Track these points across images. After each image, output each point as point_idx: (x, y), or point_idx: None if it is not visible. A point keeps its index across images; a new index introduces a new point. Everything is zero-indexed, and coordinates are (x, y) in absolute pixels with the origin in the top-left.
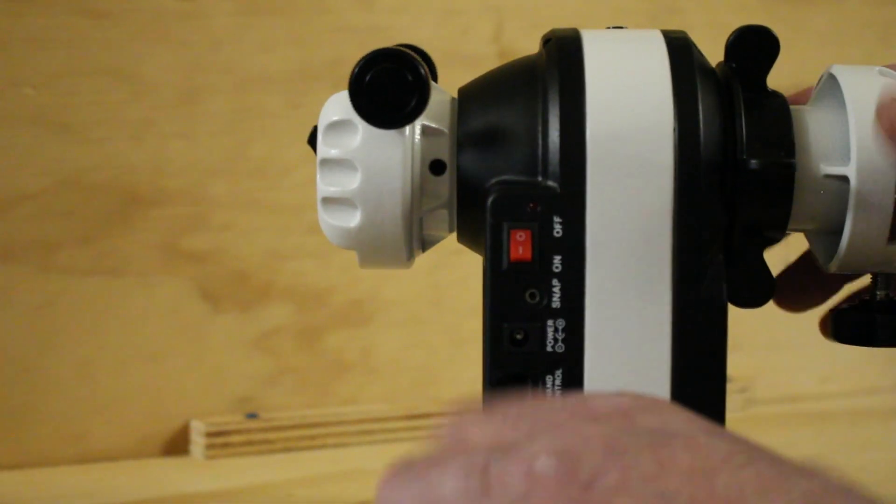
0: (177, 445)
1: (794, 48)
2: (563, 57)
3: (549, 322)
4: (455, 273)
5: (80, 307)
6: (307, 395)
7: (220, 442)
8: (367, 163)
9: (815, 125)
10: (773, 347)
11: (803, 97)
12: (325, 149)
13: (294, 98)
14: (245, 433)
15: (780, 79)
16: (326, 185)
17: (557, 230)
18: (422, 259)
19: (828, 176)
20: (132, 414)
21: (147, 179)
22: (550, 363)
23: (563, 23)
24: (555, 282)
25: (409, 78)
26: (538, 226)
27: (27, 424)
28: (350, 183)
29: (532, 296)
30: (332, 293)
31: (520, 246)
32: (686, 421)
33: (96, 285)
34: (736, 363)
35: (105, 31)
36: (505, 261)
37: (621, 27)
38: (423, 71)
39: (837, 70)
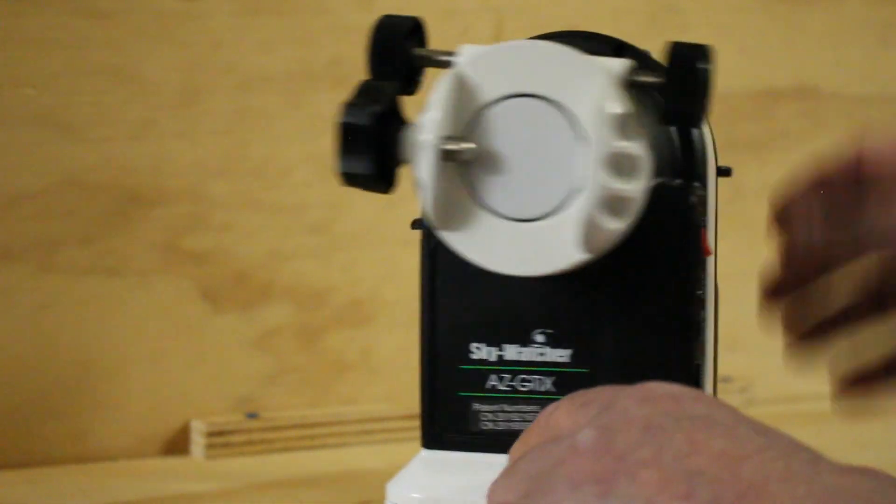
0: (177, 445)
1: (793, 48)
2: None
3: (701, 312)
4: None
5: (80, 307)
6: (307, 395)
7: (220, 442)
8: (650, 158)
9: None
10: (773, 347)
11: None
12: (614, 143)
13: (294, 98)
14: (245, 433)
15: (780, 79)
16: (614, 181)
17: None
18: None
19: None
20: (132, 414)
21: (147, 179)
22: (703, 350)
23: (562, 23)
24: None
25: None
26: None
27: (28, 424)
28: (637, 180)
29: (700, 286)
30: (332, 293)
31: (707, 241)
32: (730, 413)
33: (96, 285)
34: (736, 363)
35: (105, 31)
36: (700, 255)
37: (575, 31)
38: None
39: None
